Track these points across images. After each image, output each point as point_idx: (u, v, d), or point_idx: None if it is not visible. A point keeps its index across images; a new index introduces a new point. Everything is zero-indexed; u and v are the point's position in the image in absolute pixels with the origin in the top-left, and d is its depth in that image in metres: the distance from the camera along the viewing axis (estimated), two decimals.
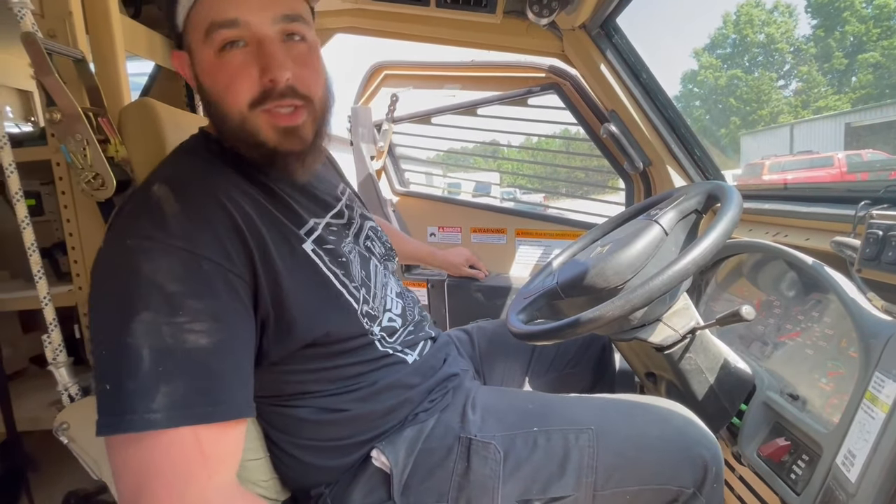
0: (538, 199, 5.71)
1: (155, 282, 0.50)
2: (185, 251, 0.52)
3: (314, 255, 0.65)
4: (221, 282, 0.54)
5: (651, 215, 0.82)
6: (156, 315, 0.49)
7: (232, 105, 0.60)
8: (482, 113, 1.75)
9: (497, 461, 0.67)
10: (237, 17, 0.58)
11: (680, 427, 0.71)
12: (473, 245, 1.81)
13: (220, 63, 0.60)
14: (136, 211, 0.56)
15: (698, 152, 1.25)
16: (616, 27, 1.20)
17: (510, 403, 0.77)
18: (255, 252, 0.58)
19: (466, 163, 2.46)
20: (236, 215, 0.58)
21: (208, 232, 0.55)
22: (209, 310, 0.52)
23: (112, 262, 0.53)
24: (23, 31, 0.68)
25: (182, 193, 0.56)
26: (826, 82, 22.68)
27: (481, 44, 1.34)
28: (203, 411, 0.50)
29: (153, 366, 0.48)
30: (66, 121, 0.70)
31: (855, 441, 0.59)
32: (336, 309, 0.65)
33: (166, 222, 0.53)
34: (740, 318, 0.69)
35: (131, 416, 0.47)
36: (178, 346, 0.49)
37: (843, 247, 0.73)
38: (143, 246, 0.52)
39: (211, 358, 0.51)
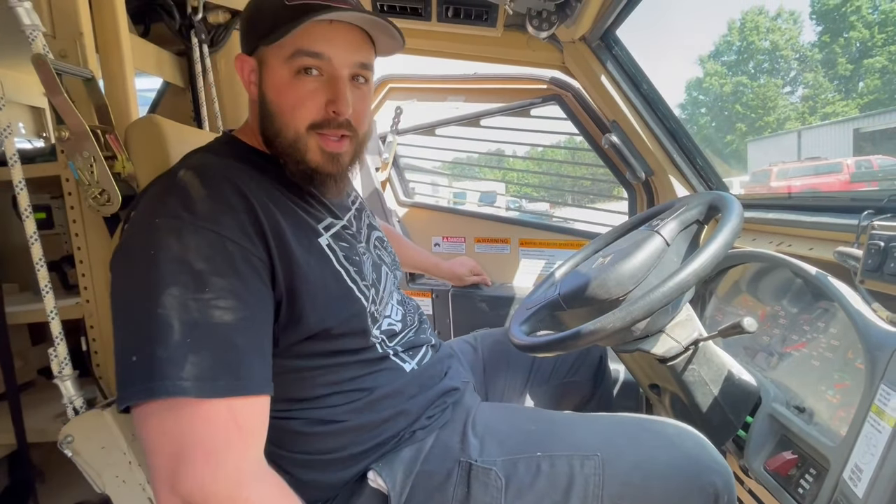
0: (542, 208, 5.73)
1: (183, 258, 0.53)
2: (211, 231, 0.55)
3: (329, 251, 0.68)
4: (244, 263, 0.57)
5: (653, 226, 0.82)
6: (184, 290, 0.52)
7: (291, 122, 0.66)
8: (485, 124, 1.77)
9: (498, 488, 0.65)
10: (324, 52, 0.65)
11: (690, 452, 0.68)
12: (477, 255, 1.82)
13: (293, 84, 0.65)
14: (164, 192, 0.59)
15: (700, 162, 1.25)
16: (616, 39, 1.21)
17: (512, 424, 0.75)
18: (271, 239, 0.60)
19: (471, 173, 2.47)
20: (256, 205, 0.61)
21: (231, 216, 0.58)
22: (233, 288, 0.54)
23: (141, 238, 0.55)
24: (34, 52, 0.70)
25: (206, 179, 0.60)
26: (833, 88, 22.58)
27: (482, 56, 1.36)
28: (227, 384, 0.52)
29: (182, 337, 0.50)
30: (75, 138, 0.71)
31: (862, 455, 0.58)
32: (346, 303, 0.67)
33: (193, 204, 0.57)
34: (742, 330, 0.68)
35: (164, 383, 0.49)
36: (204, 320, 0.52)
37: (846, 257, 0.72)
38: (172, 224, 0.55)
39: (235, 334, 0.53)
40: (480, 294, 1.66)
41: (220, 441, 0.51)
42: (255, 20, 0.68)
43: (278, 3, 0.65)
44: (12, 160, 0.69)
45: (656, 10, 62.70)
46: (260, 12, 0.68)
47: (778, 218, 1.02)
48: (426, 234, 1.93)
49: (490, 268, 1.76)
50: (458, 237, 1.87)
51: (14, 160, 0.69)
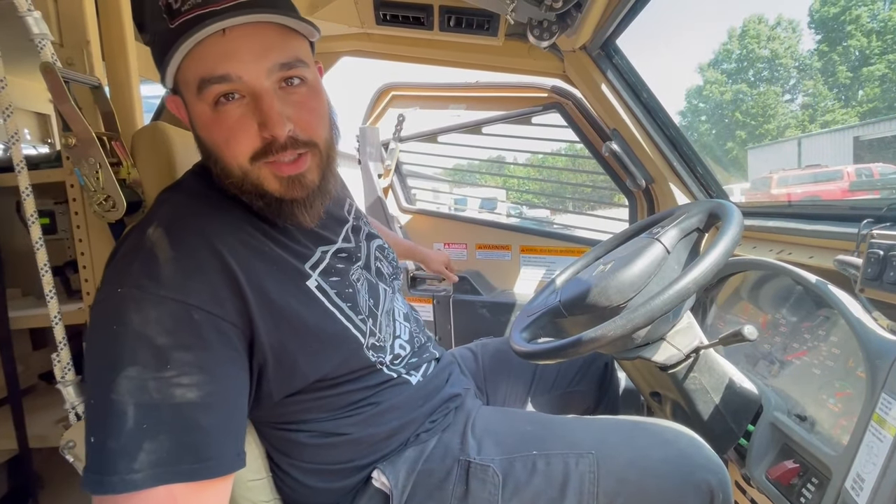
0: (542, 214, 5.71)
1: (143, 334, 0.49)
2: (175, 301, 0.51)
3: (318, 292, 0.64)
4: (213, 331, 0.52)
5: (653, 233, 0.83)
6: (143, 370, 0.48)
7: (231, 159, 0.58)
8: (487, 131, 1.78)
9: (496, 485, 0.66)
10: (228, 72, 0.55)
11: (684, 450, 0.69)
12: (479, 261, 1.82)
13: (216, 117, 0.57)
14: (129, 256, 0.54)
15: (700, 169, 1.25)
16: (616, 48, 1.22)
17: (510, 425, 0.76)
18: (251, 299, 0.56)
19: (472, 180, 2.49)
20: (231, 262, 0.56)
21: (201, 280, 0.53)
22: (199, 362, 0.50)
23: (103, 310, 0.52)
24: (42, 61, 0.71)
25: (176, 238, 0.55)
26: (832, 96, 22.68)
27: (484, 65, 1.37)
28: (190, 468, 0.48)
29: (138, 423, 0.47)
30: (81, 145, 0.72)
31: (863, 464, 0.58)
32: (341, 346, 0.64)
33: (158, 269, 0.52)
34: (742, 338, 0.68)
35: (111, 478, 0.45)
36: (165, 401, 0.48)
37: (846, 265, 0.72)
38: (133, 295, 0.51)
39: (199, 412, 0.49)
40: (481, 301, 1.66)
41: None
42: (156, 59, 0.60)
43: (163, 30, 0.55)
44: (19, 167, 0.70)
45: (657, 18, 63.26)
46: (154, 45, 0.60)
47: (778, 226, 1.03)
48: (428, 241, 1.94)
49: (492, 274, 1.77)
50: (459, 243, 1.88)
51: (21, 167, 0.70)
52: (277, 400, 0.63)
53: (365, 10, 1.24)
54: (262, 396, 0.61)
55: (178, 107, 0.63)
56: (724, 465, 0.69)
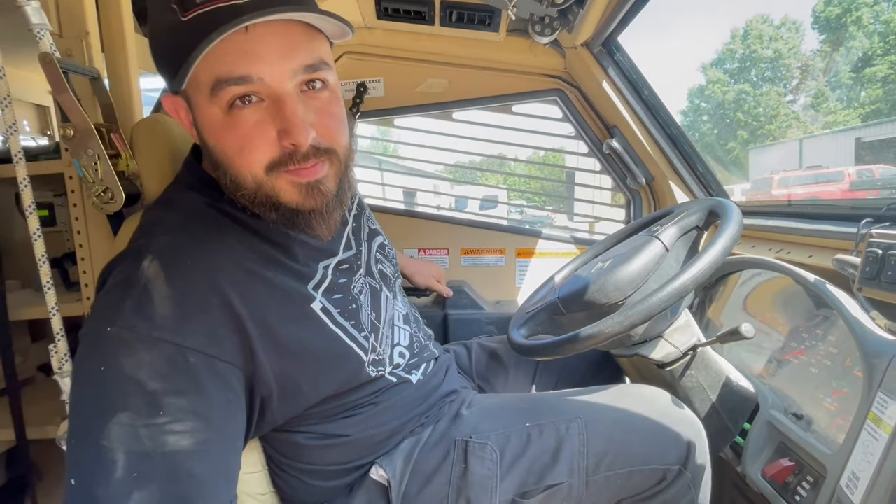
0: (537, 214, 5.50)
1: (135, 378, 0.46)
2: (170, 343, 0.48)
3: (323, 314, 0.61)
4: (210, 374, 0.49)
5: (652, 231, 0.83)
6: (134, 416, 0.45)
7: (245, 169, 0.53)
8: (464, 117, 1.48)
9: (494, 461, 0.68)
10: (249, 73, 0.50)
11: (663, 409, 0.73)
12: (464, 269, 1.55)
13: (230, 122, 0.52)
14: (122, 291, 0.50)
15: (701, 168, 1.25)
16: (618, 45, 1.22)
17: (502, 405, 0.79)
18: (254, 334, 0.53)
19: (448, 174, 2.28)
20: (233, 297, 0.52)
21: (199, 319, 0.50)
22: (193, 408, 0.47)
23: (92, 348, 0.48)
24: (41, 51, 0.71)
25: (173, 274, 0.51)
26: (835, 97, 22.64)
27: (484, 60, 1.36)
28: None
29: (127, 471, 0.43)
30: (80, 136, 0.72)
31: (858, 463, 0.58)
32: (343, 366, 0.63)
33: (152, 310, 0.48)
34: (740, 335, 0.69)
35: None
36: (157, 449, 0.45)
37: (844, 265, 0.72)
38: (124, 337, 0.47)
39: (193, 461, 0.46)
40: (486, 316, 1.41)
41: None
42: (158, 54, 0.55)
43: (173, 23, 0.50)
44: (17, 157, 0.70)
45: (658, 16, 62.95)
46: (158, 42, 0.54)
47: (777, 225, 1.03)
48: (397, 247, 1.49)
49: (482, 284, 1.51)
50: (438, 249, 1.57)
51: (19, 157, 0.70)
52: (279, 422, 0.63)
53: (366, 5, 1.24)
54: (264, 424, 0.60)
55: (178, 108, 0.57)
56: (699, 420, 0.74)
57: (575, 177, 1.91)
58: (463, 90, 1.43)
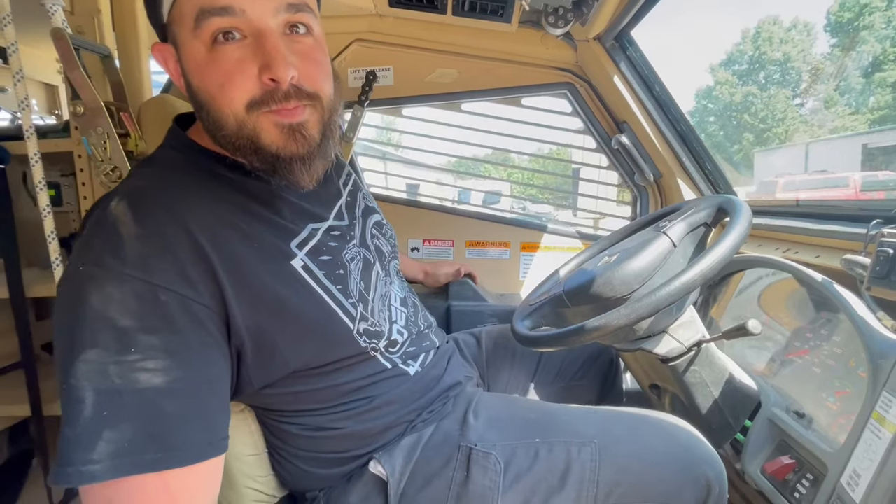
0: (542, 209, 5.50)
1: (104, 315, 0.45)
2: (139, 280, 0.47)
3: (304, 273, 0.59)
4: (183, 313, 0.48)
5: (660, 227, 0.82)
6: (103, 353, 0.44)
7: (226, 107, 0.53)
8: (473, 109, 1.47)
9: (497, 472, 0.65)
10: (232, 4, 0.50)
11: (684, 444, 0.69)
12: (468, 260, 1.58)
13: (212, 58, 0.52)
14: (92, 231, 0.50)
15: (709, 166, 1.25)
16: (630, 40, 1.20)
17: (512, 412, 0.76)
18: (224, 280, 0.52)
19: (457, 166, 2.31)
20: (202, 239, 0.51)
21: (168, 259, 0.49)
22: (166, 346, 0.47)
23: (65, 289, 0.48)
24: (53, 26, 0.71)
25: (140, 211, 0.51)
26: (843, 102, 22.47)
27: (495, 51, 1.35)
28: (153, 458, 0.44)
29: (96, 410, 0.43)
30: (89, 114, 0.72)
31: (860, 461, 0.58)
32: (327, 331, 0.60)
33: (122, 246, 0.48)
34: (746, 332, 0.68)
35: (68, 469, 0.42)
36: (126, 386, 0.44)
37: (853, 265, 0.72)
38: (94, 274, 0.47)
39: (165, 399, 0.46)
40: (489, 308, 1.42)
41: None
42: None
43: None
44: (28, 132, 0.69)
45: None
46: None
47: (785, 225, 1.02)
48: (401, 238, 1.58)
49: (485, 276, 1.50)
50: (443, 240, 1.57)
51: (30, 132, 0.69)
52: (258, 388, 0.60)
53: None
54: (241, 383, 0.58)
55: (167, 57, 0.56)
56: (721, 460, 0.69)
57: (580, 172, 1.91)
58: (472, 81, 1.42)
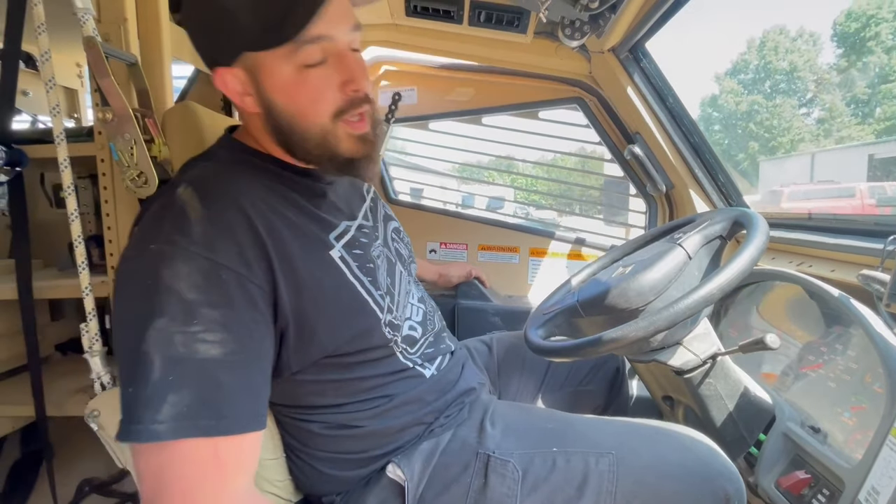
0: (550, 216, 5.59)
1: (173, 288, 0.50)
2: (205, 258, 0.52)
3: (341, 263, 0.64)
4: (239, 291, 0.53)
5: (674, 238, 0.83)
6: (171, 322, 0.49)
7: (315, 119, 0.61)
8: (488, 122, 1.58)
9: (515, 480, 0.66)
10: (324, 33, 0.57)
11: (703, 457, 0.69)
12: (480, 263, 1.68)
13: (301, 80, 0.59)
14: (161, 213, 0.55)
15: (722, 178, 1.25)
16: (645, 52, 1.22)
17: (529, 421, 0.77)
18: (276, 262, 0.56)
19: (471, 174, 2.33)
20: (258, 225, 0.57)
21: (229, 239, 0.54)
22: (223, 320, 0.51)
23: (133, 264, 0.53)
24: (84, 35, 0.72)
25: (206, 198, 0.56)
26: (849, 112, 22.42)
27: (510, 62, 1.37)
28: (207, 424, 0.49)
29: (164, 374, 0.48)
30: (118, 121, 0.73)
31: (879, 478, 0.58)
32: (360, 319, 0.65)
33: (189, 226, 0.53)
34: (765, 346, 0.69)
35: (138, 426, 0.47)
36: (189, 355, 0.49)
37: (870, 281, 0.72)
38: (164, 251, 0.51)
39: (220, 370, 0.50)
40: (493, 308, 1.49)
41: (197, 480, 0.49)
42: (229, 28, 0.58)
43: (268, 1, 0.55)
44: (59, 138, 0.71)
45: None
46: (231, 16, 0.57)
47: (799, 238, 1.02)
48: (421, 239, 1.71)
49: (496, 278, 1.58)
50: (458, 243, 1.69)
51: (61, 138, 0.71)
52: (292, 372, 0.63)
53: (396, 1, 1.25)
54: (280, 366, 0.61)
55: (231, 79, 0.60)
56: (740, 474, 0.69)
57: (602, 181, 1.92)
58: (487, 98, 1.54)
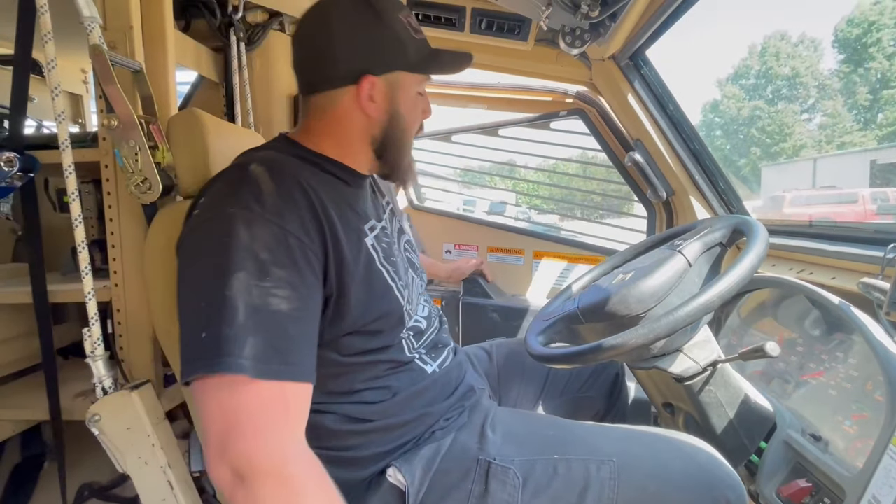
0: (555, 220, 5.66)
1: (251, 247, 0.57)
2: (276, 225, 0.60)
3: (373, 250, 0.72)
4: (302, 257, 0.60)
5: (675, 245, 0.83)
6: (249, 276, 0.56)
7: (411, 130, 0.77)
8: (504, 134, 1.76)
9: (516, 487, 0.66)
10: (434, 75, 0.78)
11: (704, 465, 0.69)
12: (490, 264, 1.81)
13: (416, 101, 0.76)
14: (237, 183, 0.63)
15: (722, 185, 1.26)
16: (645, 59, 1.22)
17: (530, 428, 0.77)
18: (328, 237, 0.64)
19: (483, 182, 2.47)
20: (314, 201, 0.65)
21: (294, 211, 0.62)
22: (290, 279, 0.58)
23: (213, 226, 0.60)
24: (91, 43, 0.73)
25: (274, 174, 0.64)
26: (851, 118, 22.43)
27: (512, 69, 1.38)
28: (278, 368, 0.55)
29: (245, 319, 0.54)
30: (123, 127, 0.74)
31: (880, 487, 0.58)
32: (385, 301, 0.71)
33: (263, 197, 0.61)
34: (764, 354, 0.69)
35: (227, 359, 0.53)
36: (264, 307, 0.56)
37: (871, 288, 0.72)
38: (243, 215, 0.59)
39: (288, 322, 0.57)
40: (493, 304, 1.62)
41: (268, 419, 0.54)
42: (395, 50, 0.72)
43: (421, 41, 0.74)
44: (64, 144, 0.72)
45: None
46: (401, 44, 0.72)
47: (799, 245, 1.03)
48: (437, 241, 1.91)
49: (501, 278, 1.74)
50: (470, 245, 1.85)
51: (66, 144, 0.72)
52: (323, 342, 0.66)
53: None
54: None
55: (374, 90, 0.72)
56: (741, 482, 0.69)
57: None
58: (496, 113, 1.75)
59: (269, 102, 1.41)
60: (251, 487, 0.51)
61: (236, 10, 1.31)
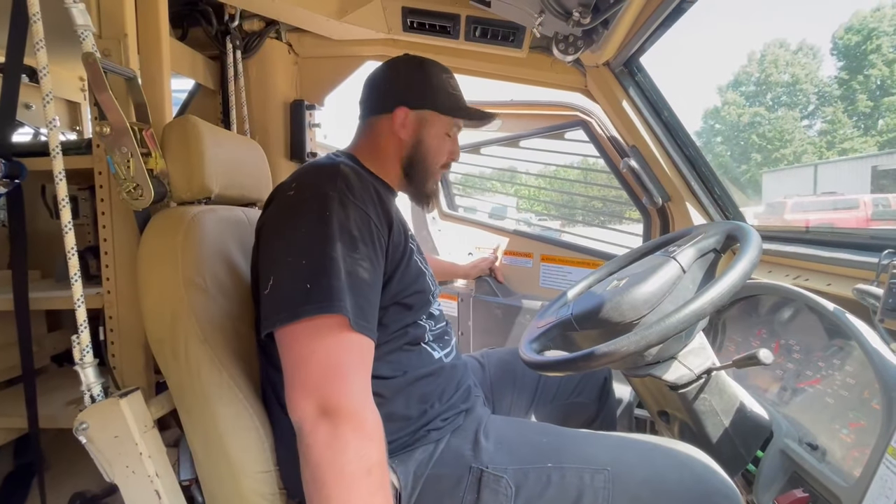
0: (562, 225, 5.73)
1: (345, 224, 0.68)
2: (363, 210, 0.71)
3: (412, 245, 0.85)
4: (378, 239, 0.72)
5: (669, 252, 0.83)
6: (344, 246, 0.66)
7: (436, 162, 0.91)
8: (525, 145, 1.93)
9: (508, 496, 0.66)
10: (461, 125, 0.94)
11: (700, 474, 0.69)
12: (504, 266, 1.92)
13: (442, 139, 0.90)
14: (332, 174, 0.74)
15: (718, 191, 1.25)
16: (639, 66, 1.23)
17: (523, 436, 0.77)
18: (391, 228, 0.77)
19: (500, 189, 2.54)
20: (381, 199, 0.77)
21: (372, 203, 0.74)
22: (371, 256, 0.69)
23: (316, 202, 0.70)
24: (84, 51, 0.73)
25: (356, 175, 0.76)
26: (851, 124, 22.45)
27: (507, 76, 1.38)
28: (365, 325, 0.65)
29: (346, 277, 0.64)
30: (115, 134, 0.74)
31: (876, 497, 0.57)
32: (421, 282, 0.83)
33: (353, 188, 0.73)
34: (757, 361, 0.68)
35: (340, 302, 0.62)
36: (354, 273, 0.66)
37: (865, 295, 0.72)
38: (341, 198, 0.70)
39: (370, 289, 0.68)
40: (499, 302, 1.73)
41: (356, 367, 0.63)
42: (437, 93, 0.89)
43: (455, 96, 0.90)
44: (55, 151, 0.72)
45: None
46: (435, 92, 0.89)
47: (795, 251, 1.02)
48: (460, 244, 2.12)
49: (513, 279, 1.85)
50: (488, 248, 1.97)
51: (57, 151, 0.72)
52: None
53: (392, 17, 1.26)
54: None
55: (407, 117, 0.87)
56: (737, 490, 0.68)
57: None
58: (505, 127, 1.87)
59: (265, 109, 1.42)
60: (335, 423, 0.58)
61: (233, 19, 1.32)
